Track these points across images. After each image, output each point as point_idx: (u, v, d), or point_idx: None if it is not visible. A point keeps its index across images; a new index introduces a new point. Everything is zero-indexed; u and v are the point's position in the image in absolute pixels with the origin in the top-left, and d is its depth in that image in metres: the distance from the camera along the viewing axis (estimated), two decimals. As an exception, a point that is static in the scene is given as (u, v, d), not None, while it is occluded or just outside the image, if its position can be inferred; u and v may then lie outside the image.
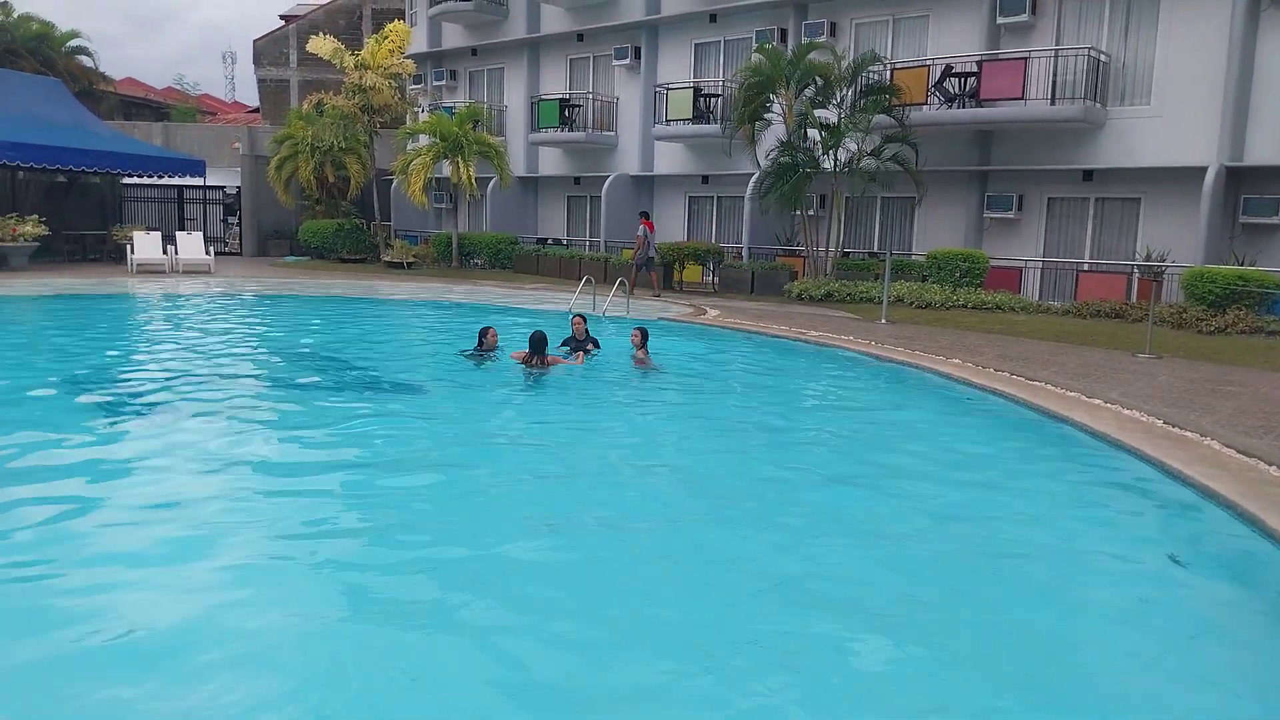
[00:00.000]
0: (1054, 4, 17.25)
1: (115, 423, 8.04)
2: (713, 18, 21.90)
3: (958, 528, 5.87)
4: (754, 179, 19.61)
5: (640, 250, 19.18)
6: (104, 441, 7.33)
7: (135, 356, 11.58)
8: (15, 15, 31.64)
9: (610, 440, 8.07)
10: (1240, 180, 15.80)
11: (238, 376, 10.18)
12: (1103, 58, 16.67)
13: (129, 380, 9.95)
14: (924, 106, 17.77)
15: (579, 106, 24.35)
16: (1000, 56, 17.32)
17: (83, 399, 8.88)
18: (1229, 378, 10.37)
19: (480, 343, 10.86)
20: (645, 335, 11.03)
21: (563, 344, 11.06)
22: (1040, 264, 17.81)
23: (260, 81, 38.31)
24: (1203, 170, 15.49)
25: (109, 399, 8.94)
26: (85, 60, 33.70)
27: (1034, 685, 3.91)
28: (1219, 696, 3.89)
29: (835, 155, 17.96)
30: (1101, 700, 3.81)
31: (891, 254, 16.71)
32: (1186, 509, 6.01)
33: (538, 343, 9.94)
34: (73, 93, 26.16)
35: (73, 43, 33.05)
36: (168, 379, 9.84)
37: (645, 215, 20.06)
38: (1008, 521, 5.98)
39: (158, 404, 8.77)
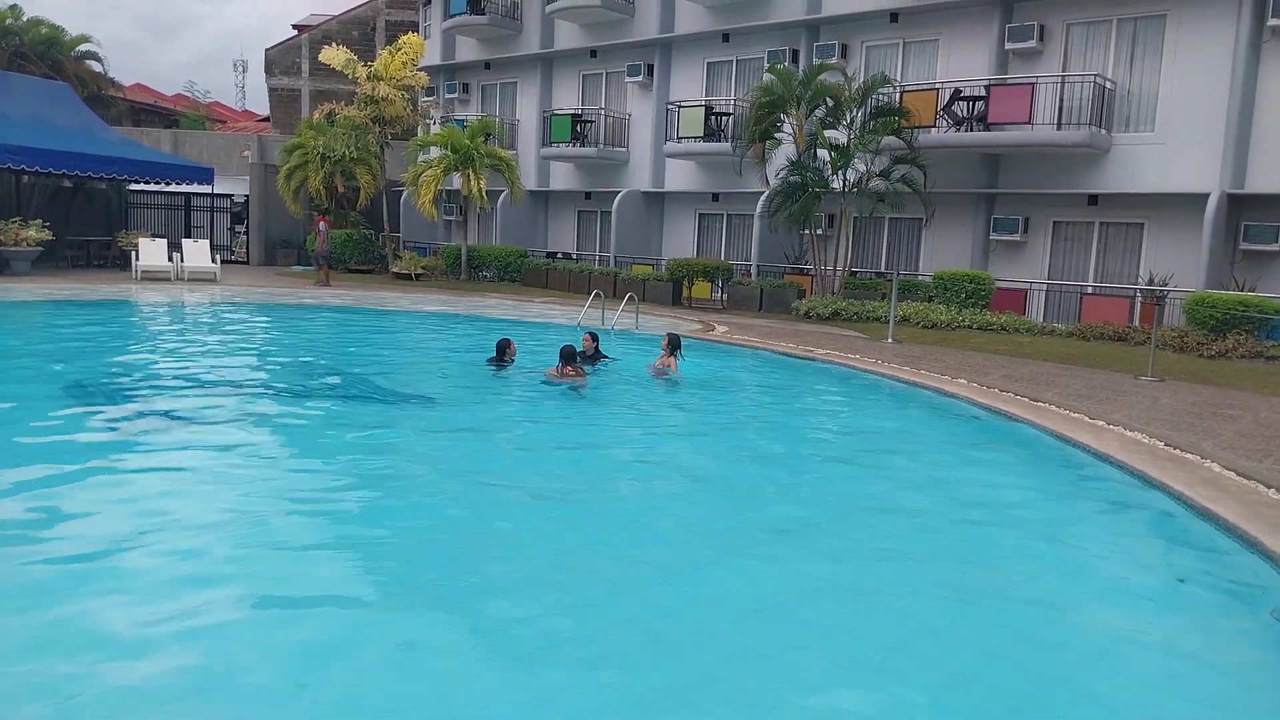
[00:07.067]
0: (1061, 31, 17.58)
1: (114, 431, 7.84)
2: (725, 37, 22.23)
3: (959, 544, 6.04)
4: (764, 197, 19.88)
5: (322, 245, 23.08)
6: (101, 452, 7.15)
7: (137, 364, 11.21)
8: (25, 19, 31.40)
9: (636, 448, 8.32)
10: (1241, 207, 16.09)
11: (239, 387, 10.06)
12: (1108, 84, 16.97)
13: (129, 389, 9.68)
14: (932, 129, 18.08)
15: (591, 122, 24.64)
16: (1008, 81, 17.62)
17: (79, 408, 8.55)
18: (1229, 401, 10.59)
19: (500, 355, 11.14)
20: (676, 343, 11.09)
21: None
22: (1045, 286, 18.06)
23: (271, 90, 38.57)
24: (1205, 197, 15.77)
25: (107, 407, 8.66)
26: (95, 65, 33.69)
27: (1034, 705, 3.97)
28: (1217, 717, 3.97)
29: (844, 175, 18.25)
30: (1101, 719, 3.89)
31: (898, 274, 16.96)
32: (1188, 530, 6.16)
33: (569, 355, 10.47)
34: (81, 98, 26.00)
35: (82, 47, 33.05)
36: (173, 388, 9.72)
37: (325, 214, 25.31)
38: (1010, 541, 6.15)
39: (165, 414, 8.50)
